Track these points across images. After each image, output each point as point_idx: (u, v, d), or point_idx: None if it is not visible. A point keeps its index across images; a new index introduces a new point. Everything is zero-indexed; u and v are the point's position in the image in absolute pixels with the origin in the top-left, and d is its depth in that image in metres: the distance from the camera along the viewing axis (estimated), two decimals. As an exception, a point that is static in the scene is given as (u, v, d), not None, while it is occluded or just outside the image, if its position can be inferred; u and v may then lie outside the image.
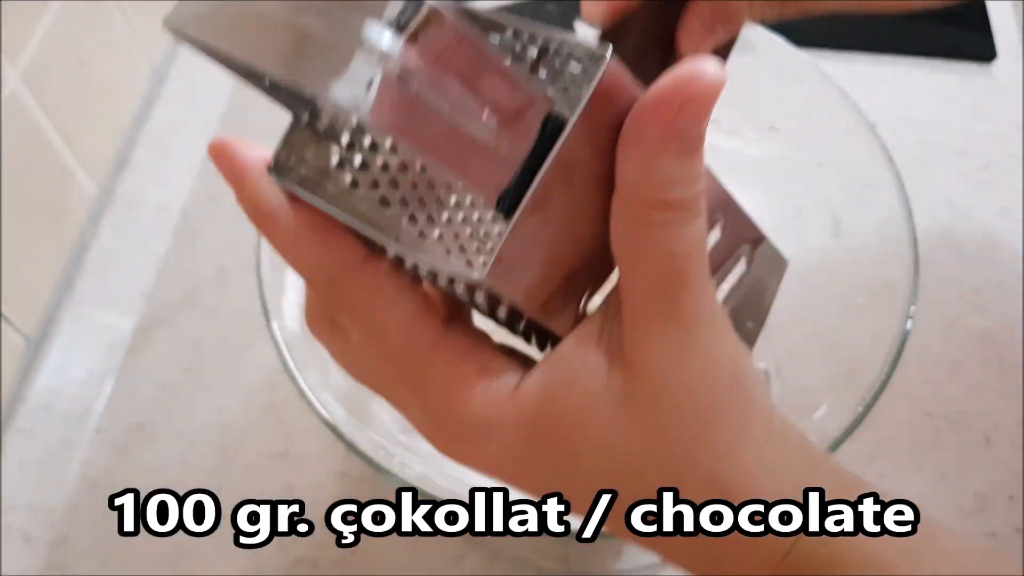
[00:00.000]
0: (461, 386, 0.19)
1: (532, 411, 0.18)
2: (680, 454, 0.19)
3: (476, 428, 0.19)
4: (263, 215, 0.20)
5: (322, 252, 0.19)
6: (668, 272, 0.17)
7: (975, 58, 0.66)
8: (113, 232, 0.56)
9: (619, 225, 0.18)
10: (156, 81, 0.63)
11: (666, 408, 0.18)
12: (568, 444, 0.19)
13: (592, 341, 0.19)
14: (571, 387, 0.18)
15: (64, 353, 0.51)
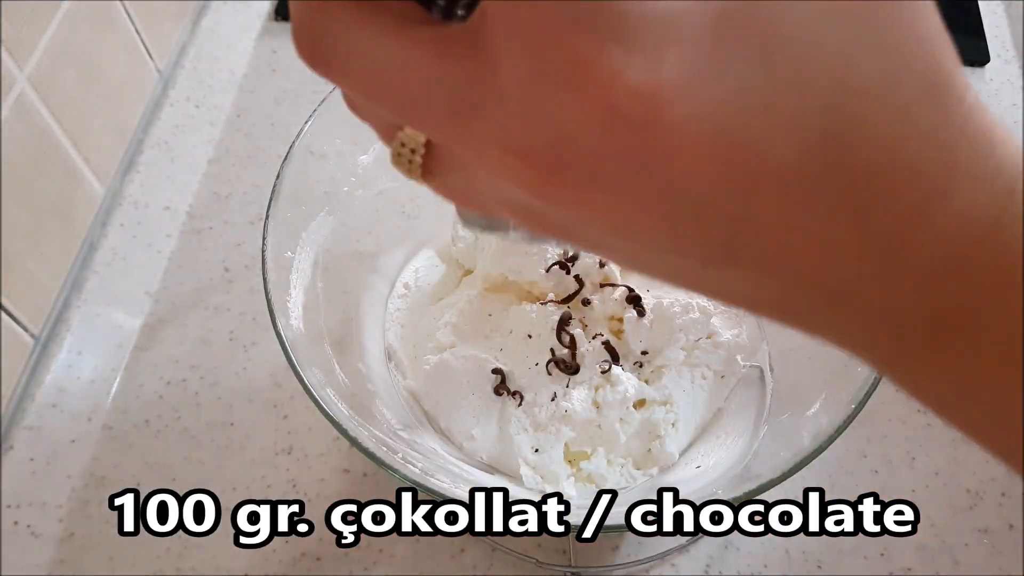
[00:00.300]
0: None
1: (722, 2, 0.13)
2: (897, 42, 0.14)
3: (650, 29, 0.13)
4: None
5: None
6: None
7: (968, 62, 0.67)
8: (120, 232, 0.57)
9: None
10: (163, 84, 0.64)
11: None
12: (770, 37, 0.13)
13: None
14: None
15: (72, 352, 0.52)
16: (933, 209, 0.15)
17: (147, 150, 0.61)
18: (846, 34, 0.14)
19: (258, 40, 0.68)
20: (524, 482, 0.42)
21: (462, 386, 0.44)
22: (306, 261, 0.43)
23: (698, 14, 0.13)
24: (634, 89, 0.13)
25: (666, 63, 0.13)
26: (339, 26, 0.16)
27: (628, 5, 0.13)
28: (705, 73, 0.13)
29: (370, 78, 0.16)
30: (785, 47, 0.14)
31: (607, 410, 0.43)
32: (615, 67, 0.13)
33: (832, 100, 0.14)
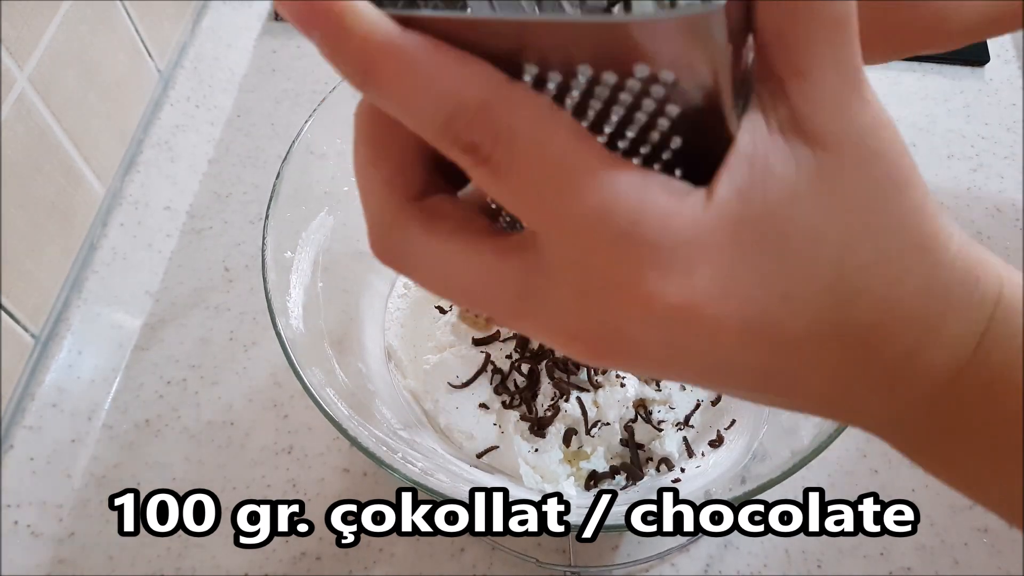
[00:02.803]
0: (654, 207, 0.16)
1: (735, 218, 0.16)
2: (884, 223, 0.17)
3: (681, 252, 0.16)
4: (378, 47, 0.15)
5: (463, 73, 0.15)
6: (833, 20, 0.16)
7: (967, 62, 0.67)
8: (121, 232, 0.57)
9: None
10: (163, 84, 0.64)
11: (862, 175, 0.17)
12: (779, 241, 0.16)
13: (764, 130, 0.16)
14: (766, 181, 0.16)
15: (72, 351, 0.52)
16: (924, 347, 0.18)
17: (147, 150, 0.61)
18: (843, 228, 0.17)
19: (258, 40, 0.68)
20: (524, 482, 0.42)
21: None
22: (306, 261, 0.43)
23: (718, 233, 0.16)
24: (672, 303, 0.17)
25: (696, 278, 0.16)
26: (412, 236, 0.19)
27: (661, 239, 0.16)
28: (729, 279, 0.17)
29: (439, 280, 0.19)
30: (791, 248, 0.17)
31: (607, 410, 0.43)
32: (655, 289, 0.16)
33: (836, 281, 0.17)
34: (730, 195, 0.16)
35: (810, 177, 0.17)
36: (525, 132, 0.16)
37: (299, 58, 0.67)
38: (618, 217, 0.16)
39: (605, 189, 0.16)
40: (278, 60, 0.67)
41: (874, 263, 0.17)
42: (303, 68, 0.66)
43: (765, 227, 0.17)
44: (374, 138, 0.18)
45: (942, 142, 0.63)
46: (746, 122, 0.17)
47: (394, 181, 0.19)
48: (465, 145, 0.16)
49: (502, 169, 0.16)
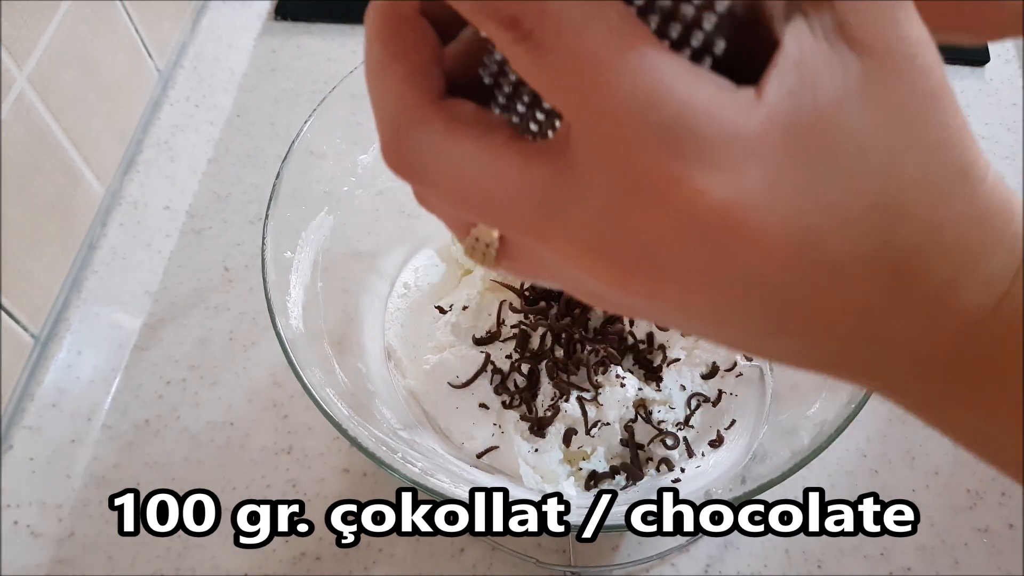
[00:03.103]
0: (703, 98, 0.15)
1: (785, 119, 0.16)
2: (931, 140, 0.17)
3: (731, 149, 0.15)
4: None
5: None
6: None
7: (968, 61, 0.67)
8: (120, 232, 0.57)
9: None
10: (163, 83, 0.64)
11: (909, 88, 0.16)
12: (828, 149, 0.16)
13: (810, 37, 0.16)
14: (815, 87, 0.16)
15: (72, 351, 0.52)
16: (963, 279, 0.17)
17: (147, 150, 0.61)
18: (890, 140, 0.16)
19: (258, 39, 0.68)
20: (524, 482, 0.42)
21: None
22: (306, 261, 0.43)
23: (768, 133, 0.15)
24: (719, 204, 0.15)
25: (744, 179, 0.15)
26: (434, 139, 0.17)
27: (708, 131, 0.15)
28: (778, 183, 0.16)
29: (461, 189, 0.17)
30: (840, 156, 0.16)
31: (607, 410, 0.43)
32: (700, 186, 0.15)
33: (881, 197, 0.16)
34: (780, 96, 0.16)
35: (858, 84, 0.16)
36: (573, 8, 0.15)
37: (299, 58, 0.67)
38: (666, 104, 0.15)
39: (654, 74, 0.15)
40: (278, 60, 0.67)
41: (919, 182, 0.16)
42: (303, 68, 0.66)
43: (815, 132, 0.16)
44: (391, 36, 0.18)
45: (942, 142, 0.62)
46: (791, 28, 0.16)
47: (413, 79, 0.18)
48: (506, 18, 0.15)
49: (544, 46, 0.15)
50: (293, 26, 0.69)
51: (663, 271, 0.17)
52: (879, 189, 0.16)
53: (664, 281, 0.17)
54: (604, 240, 0.17)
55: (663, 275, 0.17)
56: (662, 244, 0.16)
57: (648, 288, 0.17)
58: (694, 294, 0.17)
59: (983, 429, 0.19)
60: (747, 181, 0.15)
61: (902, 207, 0.16)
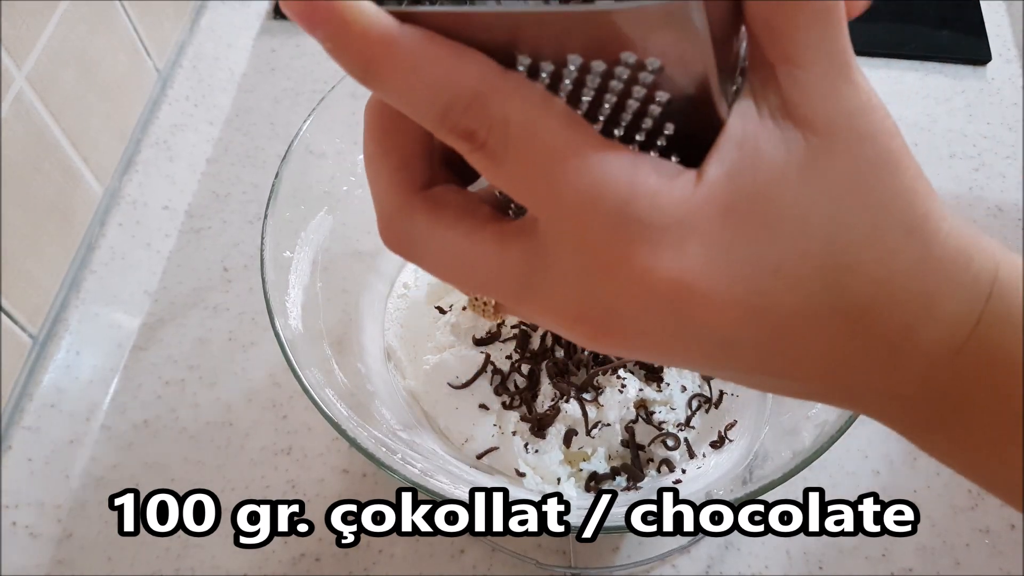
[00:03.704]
0: (645, 186, 0.17)
1: (724, 197, 0.17)
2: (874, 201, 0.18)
3: (671, 229, 0.17)
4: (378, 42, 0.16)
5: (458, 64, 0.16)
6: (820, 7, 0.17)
7: (969, 61, 0.67)
8: (119, 232, 0.57)
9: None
10: (162, 83, 0.64)
11: (851, 157, 0.17)
12: (769, 220, 0.17)
13: (755, 116, 0.17)
14: (755, 164, 0.17)
15: (71, 351, 0.52)
16: (921, 323, 0.18)
17: (146, 149, 0.61)
18: (833, 205, 0.17)
19: (257, 39, 0.68)
20: (524, 482, 0.42)
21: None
22: (305, 261, 0.43)
23: (705, 211, 0.17)
24: (664, 277, 0.17)
25: (687, 254, 0.17)
26: (418, 224, 0.20)
27: (651, 216, 0.17)
28: (720, 254, 0.17)
29: (444, 265, 0.20)
30: (781, 224, 0.17)
31: (608, 411, 0.43)
32: (647, 264, 0.17)
33: (827, 259, 0.18)
34: (719, 175, 0.17)
35: (800, 159, 0.17)
36: (518, 119, 0.17)
37: (298, 57, 0.67)
38: (609, 197, 0.17)
39: (596, 171, 0.17)
40: (277, 59, 0.67)
41: (865, 240, 0.18)
42: (302, 67, 0.66)
43: (754, 206, 0.17)
44: (381, 132, 0.19)
45: (943, 141, 0.62)
46: (737, 108, 0.17)
47: (400, 172, 0.20)
48: (462, 132, 0.17)
49: (498, 154, 0.17)
50: (293, 26, 0.69)
51: (633, 331, 0.18)
52: (824, 251, 0.17)
53: (635, 339, 0.19)
54: (577, 308, 0.18)
55: (633, 334, 0.18)
56: (627, 310, 0.18)
57: (623, 345, 0.19)
58: (666, 348, 0.19)
59: (962, 455, 0.21)
60: (687, 256, 0.17)
61: (849, 266, 0.18)
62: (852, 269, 0.18)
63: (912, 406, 0.20)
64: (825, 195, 0.17)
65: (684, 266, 0.17)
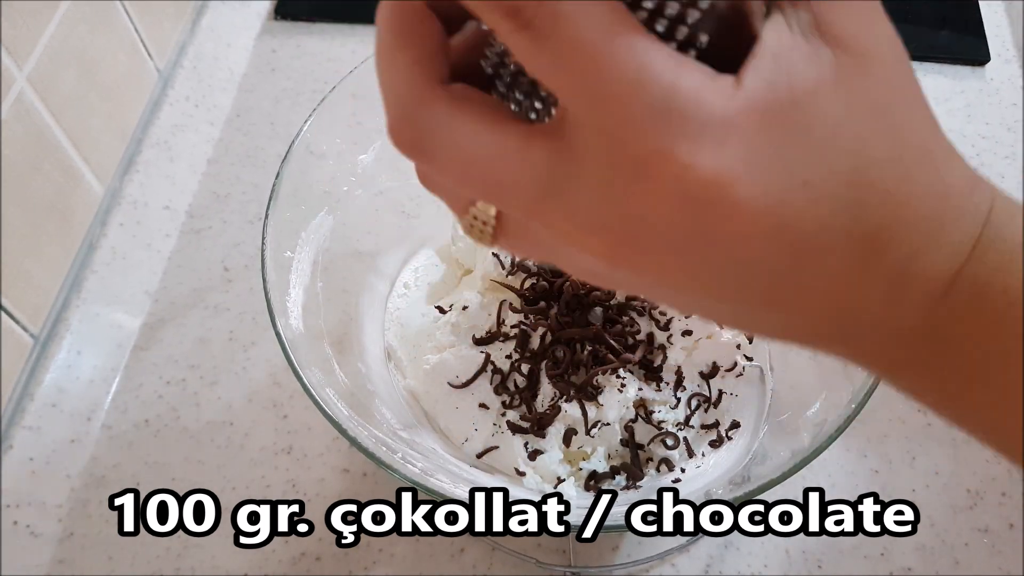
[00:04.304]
0: (688, 83, 0.17)
1: (763, 104, 0.17)
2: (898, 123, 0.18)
3: (713, 127, 0.17)
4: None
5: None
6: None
7: (968, 61, 0.67)
8: (120, 232, 0.57)
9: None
10: (162, 83, 0.64)
11: (879, 79, 0.18)
12: (802, 131, 0.17)
13: (787, 32, 0.18)
14: (791, 76, 0.17)
15: (71, 351, 0.52)
16: (927, 250, 0.19)
17: (146, 149, 0.61)
18: (860, 124, 0.18)
19: (258, 39, 0.68)
20: (524, 482, 0.42)
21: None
22: (305, 261, 0.43)
23: (747, 114, 0.17)
24: (703, 176, 0.17)
25: (726, 155, 0.17)
26: (439, 118, 0.19)
27: (695, 110, 0.17)
28: (757, 160, 0.17)
29: (461, 164, 0.19)
30: (813, 138, 0.17)
31: (607, 410, 0.43)
32: (686, 160, 0.17)
33: (851, 175, 0.18)
34: (757, 83, 0.17)
35: (831, 75, 0.17)
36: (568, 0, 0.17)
37: (298, 57, 0.67)
38: (653, 87, 0.17)
39: (642, 60, 0.17)
40: (277, 59, 0.67)
41: (888, 159, 0.18)
42: (303, 67, 0.66)
43: (790, 116, 0.17)
44: (400, 26, 0.19)
45: (942, 141, 0.62)
46: (769, 24, 0.18)
47: (419, 64, 0.19)
48: (507, 9, 0.17)
49: (543, 33, 0.17)
50: (293, 26, 0.69)
51: (654, 243, 0.18)
52: (850, 168, 0.18)
53: (653, 253, 0.18)
54: (599, 217, 0.18)
55: (652, 248, 0.18)
56: (653, 217, 0.17)
57: (640, 261, 0.18)
58: (680, 268, 0.18)
59: (948, 392, 0.21)
60: (728, 157, 0.17)
61: (871, 184, 0.18)
62: (872, 189, 0.18)
63: (908, 339, 0.20)
64: (854, 113, 0.18)
65: (724, 166, 0.17)
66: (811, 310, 0.19)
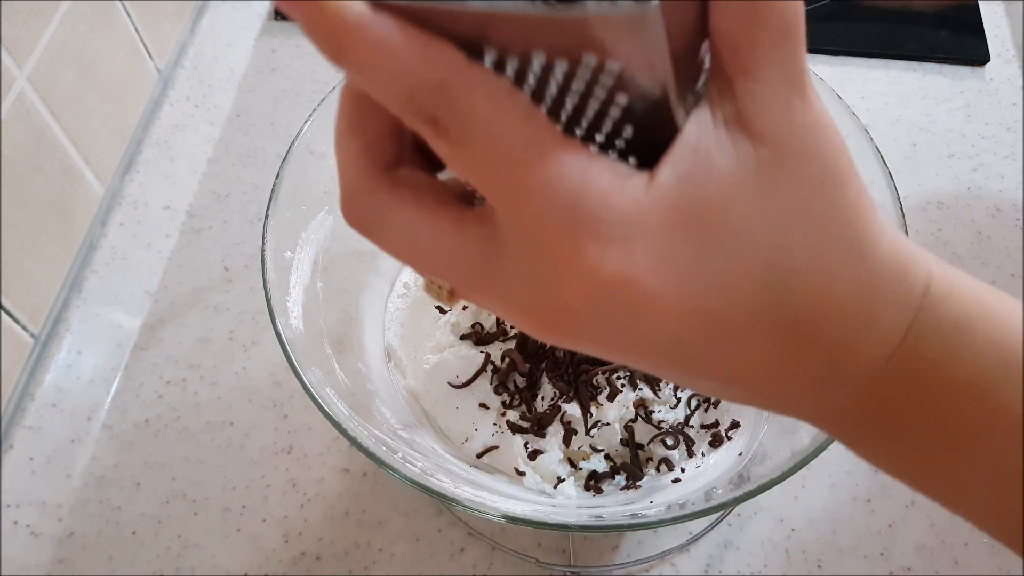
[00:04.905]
0: (597, 185, 0.17)
1: (674, 202, 0.17)
2: (817, 216, 0.18)
3: (620, 227, 0.17)
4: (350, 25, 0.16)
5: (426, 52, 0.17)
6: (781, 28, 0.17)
7: (968, 61, 0.67)
8: (120, 232, 0.57)
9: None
10: (162, 83, 0.64)
11: (799, 172, 0.18)
12: (715, 228, 0.18)
13: (710, 124, 0.18)
14: (707, 171, 0.17)
15: (72, 351, 0.52)
16: (857, 339, 0.19)
17: (147, 149, 0.61)
18: (778, 222, 0.18)
19: (258, 39, 0.68)
20: (524, 482, 0.42)
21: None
22: (306, 261, 0.43)
23: (656, 213, 0.17)
24: (611, 273, 0.18)
25: (634, 253, 0.18)
26: (382, 204, 0.20)
27: (601, 213, 0.17)
28: (666, 259, 0.18)
29: (402, 246, 0.20)
30: (728, 236, 0.18)
31: (607, 410, 0.43)
32: (595, 259, 0.18)
33: (769, 276, 0.18)
34: (671, 180, 0.18)
35: (749, 170, 0.18)
36: (480, 109, 0.17)
37: (299, 57, 0.67)
38: (562, 191, 0.17)
39: (551, 165, 0.17)
40: (277, 59, 0.67)
41: (808, 257, 0.18)
42: (303, 67, 0.66)
43: (702, 214, 0.18)
44: (353, 112, 0.20)
45: (942, 142, 0.62)
46: (694, 116, 0.18)
47: (368, 150, 0.20)
48: (426, 117, 0.17)
49: (459, 142, 0.18)
50: (293, 26, 0.69)
51: (582, 330, 0.19)
52: (767, 268, 0.18)
53: (583, 335, 0.19)
54: (529, 300, 0.19)
55: (581, 331, 0.19)
56: (575, 305, 0.18)
57: (571, 340, 0.19)
58: (613, 345, 0.19)
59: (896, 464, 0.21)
60: (635, 255, 0.18)
61: (791, 285, 0.18)
62: (793, 287, 0.18)
63: (848, 418, 0.20)
64: (771, 209, 0.18)
65: (631, 265, 0.18)
66: (747, 386, 0.20)
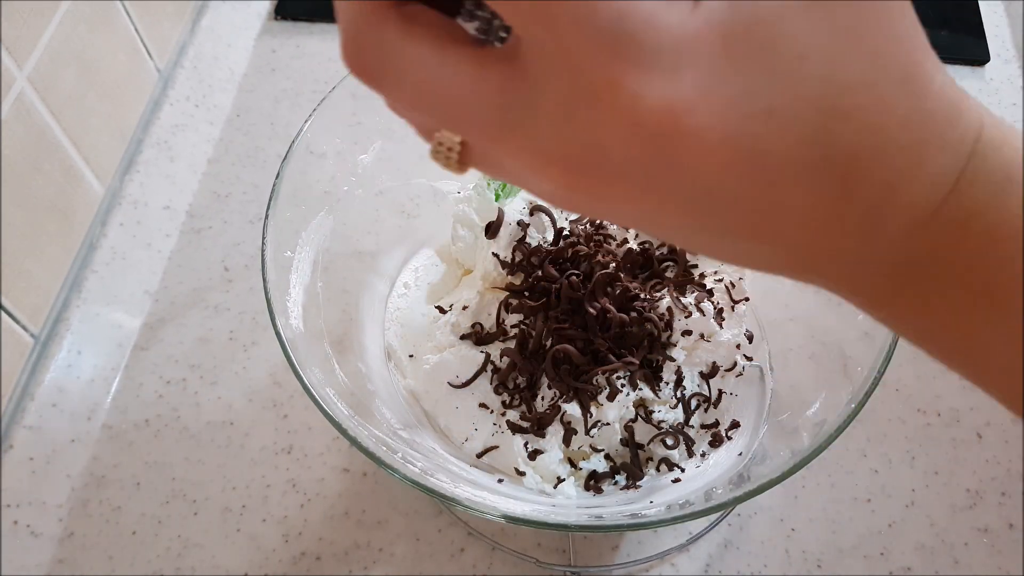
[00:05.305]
0: (644, 7, 0.16)
1: (723, 25, 0.16)
2: (874, 46, 0.17)
3: (667, 55, 0.16)
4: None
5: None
6: None
7: (968, 61, 0.67)
8: (120, 232, 0.57)
9: None
10: (163, 83, 0.64)
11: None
12: (765, 55, 0.16)
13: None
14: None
15: (72, 351, 0.52)
16: (905, 180, 0.17)
17: (147, 149, 0.61)
18: (831, 44, 0.16)
19: (258, 39, 0.68)
20: (524, 482, 0.42)
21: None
22: (306, 260, 0.43)
23: (705, 38, 0.16)
24: (655, 106, 0.16)
25: (681, 82, 0.16)
26: (391, 40, 0.18)
27: (646, 36, 0.16)
28: (713, 87, 0.16)
29: (417, 91, 0.18)
30: (779, 60, 0.16)
31: (607, 410, 0.43)
32: (638, 89, 0.16)
33: (821, 101, 0.16)
34: (719, 3, 0.16)
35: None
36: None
37: (299, 57, 0.67)
38: (603, 12, 0.16)
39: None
40: (278, 59, 0.67)
41: (861, 85, 0.17)
42: (303, 67, 0.66)
43: (752, 37, 0.16)
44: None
45: (942, 141, 0.62)
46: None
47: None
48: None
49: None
50: (293, 26, 0.69)
51: (612, 174, 0.17)
52: (819, 94, 0.16)
53: (613, 184, 0.17)
54: (556, 146, 0.17)
55: (612, 178, 0.17)
56: (609, 147, 0.17)
57: (599, 191, 0.18)
58: (642, 195, 0.17)
59: (932, 329, 0.20)
60: (682, 85, 0.16)
61: (843, 112, 0.17)
62: (846, 115, 0.17)
63: (884, 272, 0.19)
64: (824, 32, 0.16)
65: (676, 95, 0.16)
66: (785, 241, 0.18)
